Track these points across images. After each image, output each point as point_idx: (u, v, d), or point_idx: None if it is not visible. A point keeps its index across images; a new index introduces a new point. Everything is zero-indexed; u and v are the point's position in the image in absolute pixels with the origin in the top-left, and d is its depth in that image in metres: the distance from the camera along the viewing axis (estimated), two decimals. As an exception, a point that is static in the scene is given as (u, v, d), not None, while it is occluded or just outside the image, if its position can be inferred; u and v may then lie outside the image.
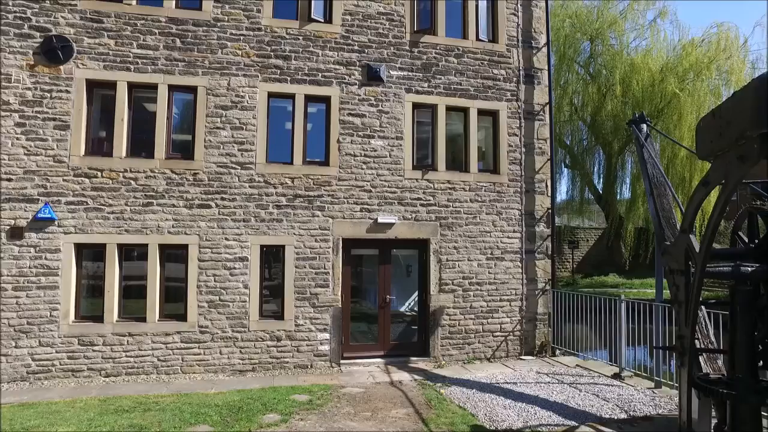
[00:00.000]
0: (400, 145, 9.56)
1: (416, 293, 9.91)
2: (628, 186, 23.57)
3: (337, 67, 9.35)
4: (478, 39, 10.20)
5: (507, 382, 8.19)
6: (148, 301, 8.41)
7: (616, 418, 6.58)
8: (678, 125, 19.40)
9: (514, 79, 10.28)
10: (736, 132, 3.30)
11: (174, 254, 8.73)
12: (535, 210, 10.18)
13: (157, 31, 8.69)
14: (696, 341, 5.81)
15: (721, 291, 17.05)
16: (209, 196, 8.72)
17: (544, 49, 10.58)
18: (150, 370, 8.36)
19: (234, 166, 8.84)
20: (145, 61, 8.63)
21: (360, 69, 9.45)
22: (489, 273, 9.86)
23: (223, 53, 8.91)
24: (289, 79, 9.14)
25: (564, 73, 23.79)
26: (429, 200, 9.64)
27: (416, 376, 8.49)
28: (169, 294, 8.70)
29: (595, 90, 23.29)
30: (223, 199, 8.76)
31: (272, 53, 9.10)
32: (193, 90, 8.82)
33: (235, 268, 8.71)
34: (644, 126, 7.78)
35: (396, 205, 9.47)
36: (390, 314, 9.65)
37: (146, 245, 8.47)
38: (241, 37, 9.00)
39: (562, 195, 26.73)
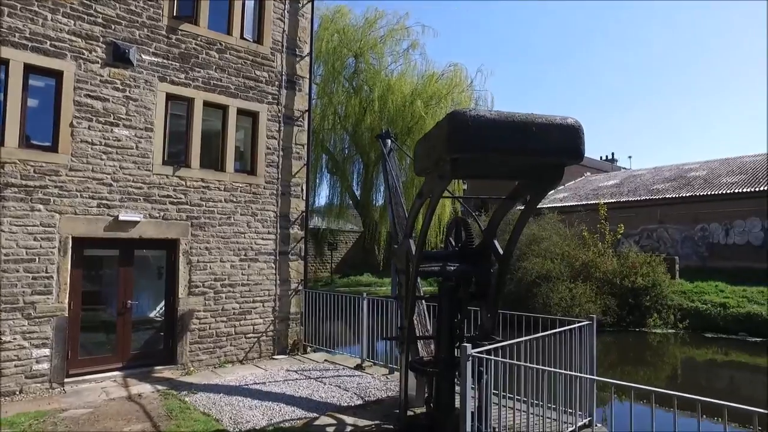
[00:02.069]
0: (150, 138, 8.75)
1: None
2: (382, 194, 26.21)
3: (74, 38, 8.06)
4: (242, 37, 10.03)
5: (256, 383, 8.24)
6: None
7: (353, 405, 7.21)
8: (422, 143, 22.41)
9: (277, 83, 10.43)
10: (437, 155, 3.98)
11: None
12: (290, 212, 10.48)
13: None
14: (416, 330, 6.78)
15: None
16: None
17: (307, 59, 11.02)
18: None
19: None
20: None
21: (104, 46, 8.33)
22: (242, 274, 9.77)
23: None
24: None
25: (331, 83, 25.24)
26: (180, 198, 9.06)
27: (160, 387, 7.88)
28: None
29: (357, 103, 25.28)
30: None
31: (-24, 4, 7.33)
32: None
33: None
34: (389, 141, 8.72)
35: (142, 201, 8.63)
36: (132, 321, 8.73)
37: None
38: None
39: (323, 199, 28.24)
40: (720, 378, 13.54)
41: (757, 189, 23.02)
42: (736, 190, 23.69)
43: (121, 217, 8.35)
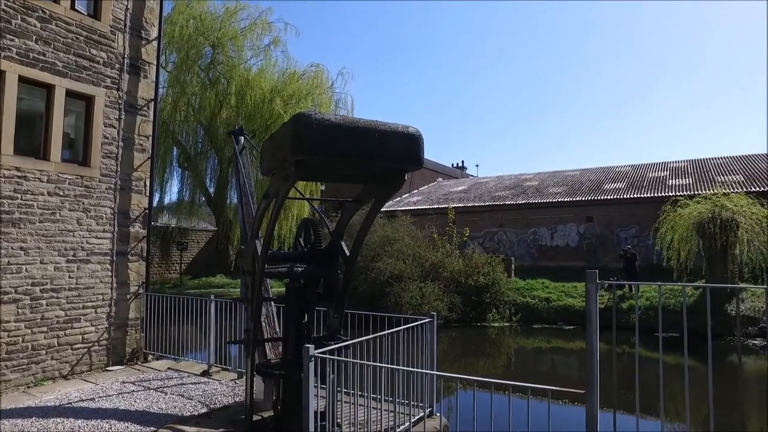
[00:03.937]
0: (-59, 114, 7.31)
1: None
2: (237, 192, 25.20)
3: None
4: (73, 8, 8.84)
5: (83, 400, 7.36)
6: None
7: (197, 413, 6.79)
8: (281, 142, 22.08)
9: (117, 66, 9.44)
10: (282, 155, 3.94)
11: None
12: (131, 209, 9.54)
13: None
14: (265, 332, 6.65)
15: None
16: None
17: (155, 43, 10.15)
18: None
19: None
20: None
21: None
22: (70, 277, 8.64)
23: None
24: None
25: (185, 72, 23.63)
26: (-12, 190, 7.75)
27: (-58, 419, 6.59)
28: None
29: (213, 96, 23.98)
30: None
31: None
32: None
33: None
34: (242, 138, 8.40)
35: (-69, 192, 7.18)
36: None
37: None
38: None
39: (174, 195, 26.27)
40: (543, 362, 15.54)
41: (574, 199, 26.95)
42: (560, 199, 27.38)
43: None
